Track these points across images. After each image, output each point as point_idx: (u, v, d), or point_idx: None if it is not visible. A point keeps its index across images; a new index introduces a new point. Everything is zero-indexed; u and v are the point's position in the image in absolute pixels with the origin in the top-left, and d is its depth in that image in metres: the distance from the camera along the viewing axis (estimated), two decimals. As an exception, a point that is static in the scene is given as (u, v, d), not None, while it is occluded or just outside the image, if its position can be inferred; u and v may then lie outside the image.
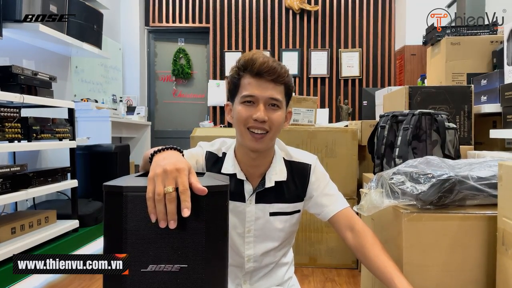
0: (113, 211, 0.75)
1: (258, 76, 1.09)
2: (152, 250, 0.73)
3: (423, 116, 1.86)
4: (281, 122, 1.14)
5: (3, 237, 2.32)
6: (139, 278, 0.73)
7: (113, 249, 0.74)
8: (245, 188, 1.20)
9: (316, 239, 2.70)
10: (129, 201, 0.74)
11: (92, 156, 3.46)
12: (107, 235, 0.76)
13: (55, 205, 2.99)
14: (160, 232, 0.73)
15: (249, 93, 1.10)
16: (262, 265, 1.26)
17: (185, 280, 0.73)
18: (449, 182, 1.02)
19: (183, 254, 0.73)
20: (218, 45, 5.52)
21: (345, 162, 2.67)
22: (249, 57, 1.11)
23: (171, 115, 5.76)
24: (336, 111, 5.25)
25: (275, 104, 1.11)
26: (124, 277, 0.72)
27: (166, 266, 0.73)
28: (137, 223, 0.74)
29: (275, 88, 1.11)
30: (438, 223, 1.04)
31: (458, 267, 1.05)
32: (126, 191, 0.74)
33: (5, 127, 2.23)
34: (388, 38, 5.37)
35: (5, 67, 2.37)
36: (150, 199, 0.74)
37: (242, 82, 1.12)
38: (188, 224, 0.74)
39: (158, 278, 0.73)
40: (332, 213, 1.21)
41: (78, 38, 3.39)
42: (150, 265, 0.73)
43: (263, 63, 1.08)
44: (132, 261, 0.73)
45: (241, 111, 1.11)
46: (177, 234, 0.73)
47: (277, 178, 1.21)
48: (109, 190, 0.76)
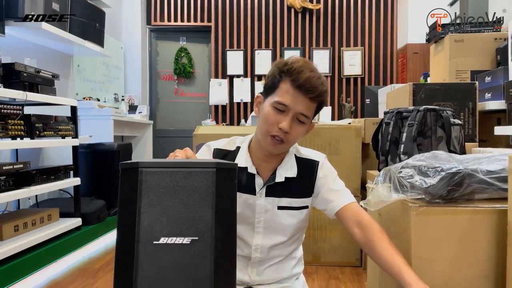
0: (128, 186, 0.79)
1: (298, 89, 1.10)
2: (164, 223, 0.77)
3: (428, 112, 1.84)
4: (300, 135, 1.17)
5: (6, 235, 2.31)
6: (151, 250, 0.75)
7: (127, 223, 0.78)
8: (256, 182, 1.22)
9: (320, 237, 2.69)
10: (144, 176, 0.78)
11: (94, 154, 3.45)
12: (122, 209, 0.80)
13: (57, 204, 2.98)
14: (172, 206, 0.77)
15: (284, 101, 1.11)
16: (269, 257, 1.27)
17: (196, 252, 0.76)
18: (459, 175, 1.01)
19: (194, 227, 0.77)
20: (220, 44, 5.52)
21: (348, 160, 2.66)
22: (297, 66, 1.11)
23: (172, 114, 5.75)
24: (338, 109, 5.24)
25: (302, 120, 1.14)
26: (137, 249, 0.75)
27: (178, 238, 0.76)
28: (151, 197, 0.77)
29: (309, 105, 1.12)
30: (447, 217, 1.03)
31: (468, 262, 1.04)
32: (142, 167, 0.78)
33: (8, 124, 2.23)
34: (390, 36, 5.36)
35: (8, 64, 2.36)
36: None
37: (281, 86, 1.13)
38: (200, 199, 0.78)
39: (170, 250, 0.76)
40: (338, 207, 1.21)
41: (80, 36, 3.39)
42: (162, 237, 0.76)
43: (308, 78, 1.09)
44: (145, 234, 0.76)
45: (269, 115, 1.13)
46: (188, 208, 0.78)
47: (288, 174, 1.23)
48: (125, 167, 0.81)
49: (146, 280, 0.74)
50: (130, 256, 0.75)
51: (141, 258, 0.75)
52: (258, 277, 1.28)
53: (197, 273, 0.75)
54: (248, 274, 1.27)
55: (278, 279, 1.30)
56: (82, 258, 2.90)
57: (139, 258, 0.75)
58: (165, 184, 0.78)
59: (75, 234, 2.84)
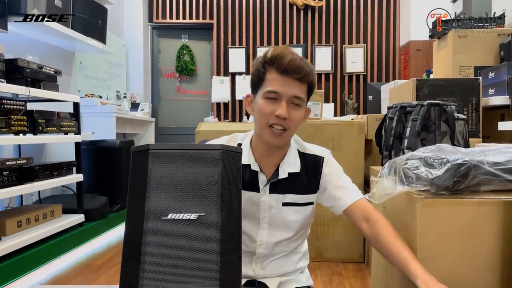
0: (139, 167, 0.83)
1: (284, 73, 1.10)
2: (172, 201, 0.80)
3: (432, 107, 1.84)
4: (300, 120, 1.16)
5: (9, 231, 2.31)
6: (159, 225, 0.78)
7: (137, 201, 0.80)
8: (259, 179, 1.21)
9: (323, 233, 2.69)
10: (154, 157, 0.82)
11: (97, 151, 3.46)
12: (132, 189, 0.83)
13: (60, 200, 2.99)
14: (180, 185, 0.81)
15: (274, 89, 1.10)
16: (274, 253, 1.27)
17: (202, 227, 0.78)
18: (465, 166, 1.00)
19: (201, 204, 0.80)
20: (222, 41, 5.51)
21: (351, 155, 2.65)
22: (278, 52, 1.11)
23: (174, 112, 5.75)
24: (340, 106, 5.23)
25: (298, 103, 1.13)
26: (146, 224, 0.78)
27: (185, 214, 0.79)
28: (160, 177, 0.81)
29: (299, 86, 1.12)
30: (453, 209, 1.03)
31: (473, 253, 1.03)
32: (152, 148, 0.82)
33: (11, 119, 2.23)
34: (392, 33, 5.34)
35: (11, 60, 2.37)
36: None
37: (267, 77, 1.13)
38: (206, 178, 0.81)
39: (177, 225, 0.78)
40: (345, 205, 1.22)
41: (83, 33, 3.39)
42: (170, 213, 0.79)
43: (291, 60, 1.09)
44: (153, 210, 0.79)
45: (263, 106, 1.12)
46: (196, 187, 0.81)
47: (291, 170, 1.22)
48: (137, 149, 0.85)
49: (154, 253, 0.76)
50: (139, 231, 0.78)
51: (149, 232, 0.77)
52: (262, 271, 1.28)
53: (203, 246, 0.77)
54: (252, 268, 1.27)
55: (282, 273, 1.30)
56: (85, 254, 2.91)
57: (147, 232, 0.77)
58: (173, 165, 0.81)
59: (78, 230, 2.84)
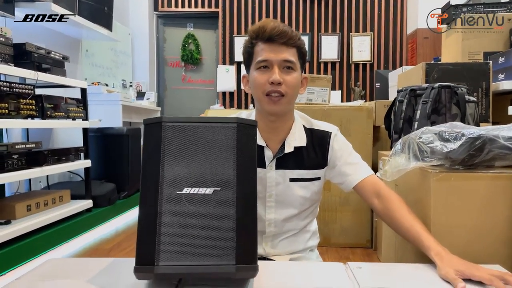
0: (152, 140, 0.80)
1: (270, 41, 1.12)
2: (187, 175, 0.78)
3: (443, 89, 1.82)
4: (296, 84, 1.16)
5: (18, 214, 2.33)
6: (174, 200, 0.77)
7: (151, 176, 0.79)
8: (265, 154, 1.21)
9: (330, 219, 2.69)
10: (167, 130, 0.80)
11: (104, 138, 3.46)
12: (146, 163, 0.81)
13: (68, 187, 3.00)
14: (195, 160, 0.79)
15: (263, 58, 1.12)
16: (283, 231, 1.26)
17: (218, 201, 0.77)
18: (480, 140, 0.99)
19: (216, 179, 0.79)
20: (227, 30, 5.48)
21: (360, 141, 2.64)
22: (260, 24, 1.14)
23: (180, 101, 5.75)
24: (347, 94, 5.20)
25: (290, 66, 1.13)
26: (161, 199, 0.77)
27: (200, 189, 0.78)
28: (174, 151, 0.79)
29: (287, 50, 1.13)
30: (468, 183, 1.02)
31: (487, 228, 1.03)
32: (165, 121, 0.80)
33: (20, 103, 2.23)
34: (400, 21, 5.29)
35: (19, 45, 2.37)
36: None
37: (256, 50, 1.15)
38: (221, 152, 0.80)
39: (192, 199, 0.77)
40: (356, 181, 1.20)
41: (89, 20, 3.38)
42: (185, 188, 0.77)
43: (273, 28, 1.11)
44: (168, 185, 0.77)
45: (257, 77, 1.14)
46: (211, 161, 0.79)
47: (296, 144, 1.21)
48: (149, 122, 0.82)
49: (170, 228, 0.75)
50: (154, 206, 0.76)
51: (164, 207, 0.76)
52: (273, 249, 1.28)
53: (219, 222, 0.76)
54: (263, 247, 1.27)
55: (292, 251, 1.30)
56: (94, 239, 2.92)
57: (162, 207, 0.76)
58: (187, 139, 0.80)
59: (86, 215, 2.86)
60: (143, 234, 0.77)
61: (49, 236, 2.43)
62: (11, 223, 2.22)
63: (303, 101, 2.81)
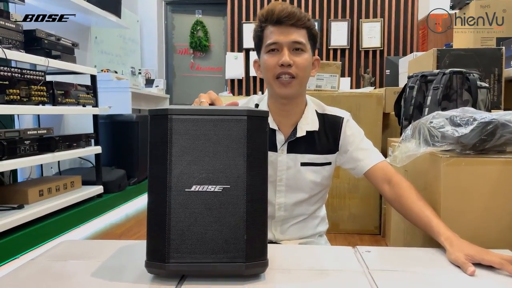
0: (158, 134, 0.77)
1: (279, 23, 1.11)
2: (196, 171, 0.76)
3: (455, 75, 1.80)
4: (307, 65, 1.14)
5: (31, 199, 2.37)
6: (183, 197, 0.75)
7: (159, 172, 0.76)
8: (277, 138, 1.21)
9: (339, 205, 2.70)
10: (174, 124, 0.76)
11: (114, 125, 3.49)
12: (153, 157, 0.78)
13: (79, 173, 3.03)
14: (203, 154, 0.76)
15: (272, 40, 1.12)
16: (293, 215, 1.27)
17: (227, 200, 0.76)
18: (492, 124, 0.98)
19: (225, 176, 0.76)
20: (236, 16, 5.44)
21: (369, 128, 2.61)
22: (268, 7, 1.14)
23: (189, 88, 5.75)
24: (356, 81, 5.16)
25: (299, 48, 1.13)
26: (169, 197, 0.75)
27: (209, 186, 0.75)
28: (182, 145, 0.76)
29: (297, 32, 1.12)
30: (478, 168, 1.02)
31: (498, 213, 1.02)
32: (171, 114, 0.76)
33: (32, 89, 2.25)
34: (411, 7, 5.21)
35: (30, 31, 2.38)
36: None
37: (265, 33, 1.15)
38: (231, 147, 0.77)
39: (201, 197, 0.75)
40: (367, 167, 1.20)
41: (98, 6, 3.38)
42: (194, 185, 0.75)
43: (281, 10, 1.11)
44: (176, 181, 0.75)
45: (267, 60, 1.13)
46: (220, 156, 0.77)
47: (309, 128, 1.21)
48: (155, 113, 0.78)
49: (179, 227, 0.75)
50: (162, 204, 0.75)
51: (173, 206, 0.75)
52: (282, 235, 1.29)
53: (229, 221, 0.75)
54: (272, 232, 1.28)
55: (301, 237, 1.31)
56: (104, 225, 2.97)
57: (171, 206, 0.75)
58: (195, 132, 0.77)
59: (97, 201, 2.90)
60: (153, 228, 0.77)
61: (61, 220, 2.47)
62: (24, 208, 2.26)
63: (312, 87, 2.80)
